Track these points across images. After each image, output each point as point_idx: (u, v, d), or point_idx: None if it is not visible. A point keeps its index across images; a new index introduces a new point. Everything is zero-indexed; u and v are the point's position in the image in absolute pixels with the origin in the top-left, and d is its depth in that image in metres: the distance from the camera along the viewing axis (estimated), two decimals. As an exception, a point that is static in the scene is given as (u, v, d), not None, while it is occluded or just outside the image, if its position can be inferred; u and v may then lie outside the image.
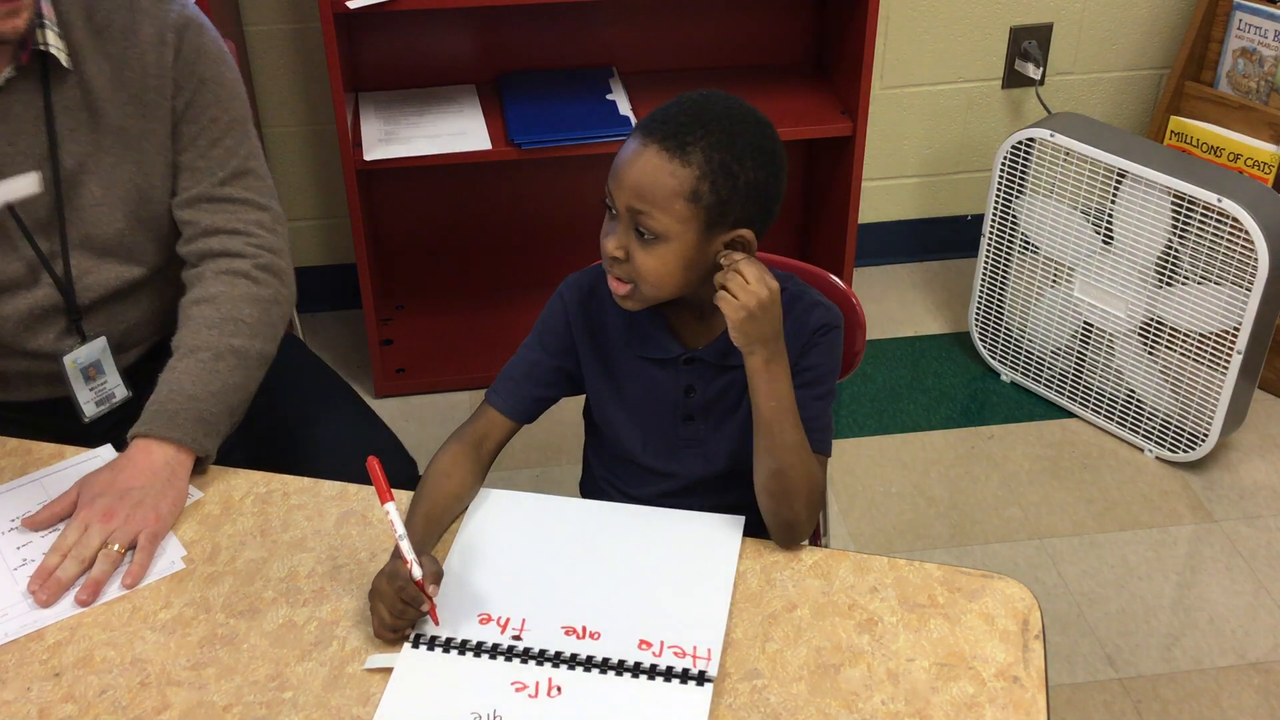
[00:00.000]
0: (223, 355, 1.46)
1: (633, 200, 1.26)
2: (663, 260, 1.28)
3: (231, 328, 1.48)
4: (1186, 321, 2.40)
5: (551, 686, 1.17)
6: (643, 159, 1.25)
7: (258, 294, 1.51)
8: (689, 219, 1.26)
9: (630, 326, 1.41)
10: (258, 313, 1.51)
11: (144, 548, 1.31)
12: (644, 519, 1.37)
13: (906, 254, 3.16)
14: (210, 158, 1.52)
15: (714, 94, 1.30)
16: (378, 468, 1.21)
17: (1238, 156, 2.59)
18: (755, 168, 1.27)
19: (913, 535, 2.39)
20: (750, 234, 1.30)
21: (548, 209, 2.89)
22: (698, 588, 1.27)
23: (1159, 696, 2.07)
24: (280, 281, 1.55)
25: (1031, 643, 1.21)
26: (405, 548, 1.20)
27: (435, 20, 2.62)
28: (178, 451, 1.39)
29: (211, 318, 1.48)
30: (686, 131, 1.25)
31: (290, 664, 1.21)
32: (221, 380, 1.44)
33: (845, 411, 2.70)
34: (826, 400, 1.37)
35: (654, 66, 2.73)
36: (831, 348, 1.38)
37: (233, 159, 1.54)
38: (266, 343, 1.51)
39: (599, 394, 1.47)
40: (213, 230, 1.53)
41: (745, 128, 1.28)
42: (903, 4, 2.79)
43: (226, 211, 1.53)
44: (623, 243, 1.28)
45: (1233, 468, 2.53)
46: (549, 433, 2.59)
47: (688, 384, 1.41)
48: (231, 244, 1.52)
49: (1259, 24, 2.57)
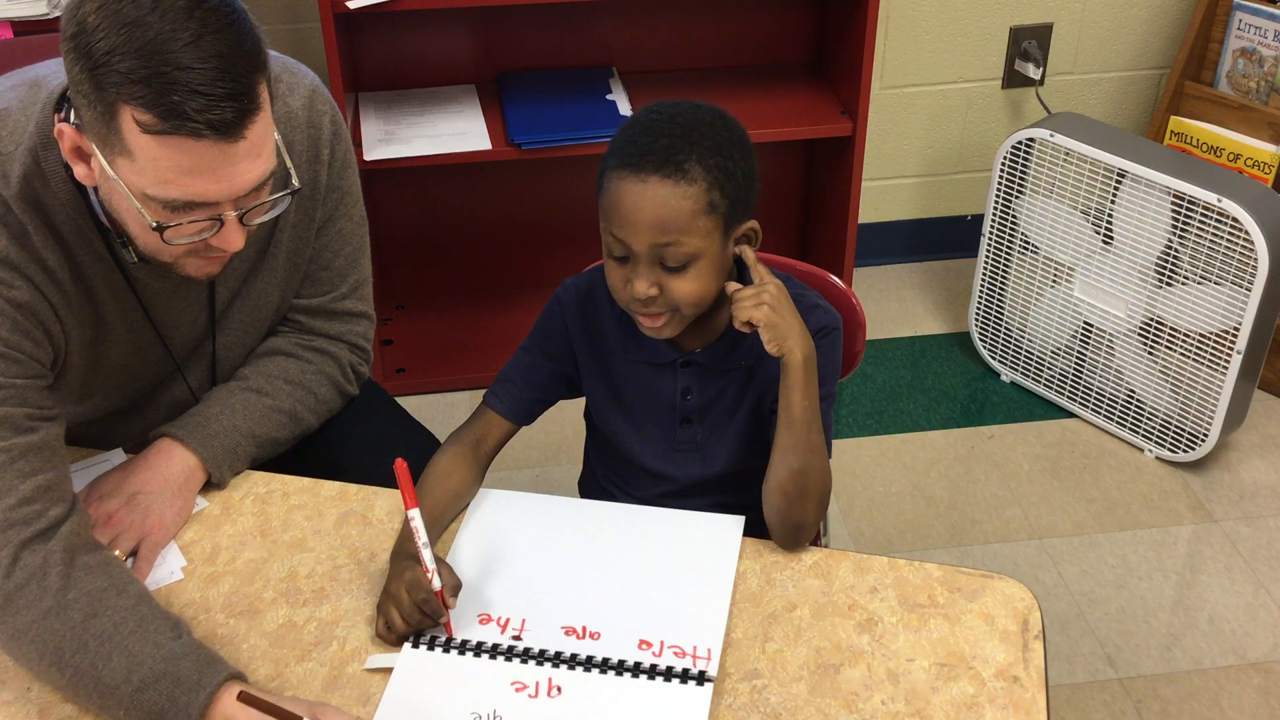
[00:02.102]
0: (282, 410, 1.46)
1: (655, 238, 1.26)
2: (699, 279, 1.29)
3: (302, 395, 1.49)
4: (1186, 321, 2.40)
5: (551, 686, 1.17)
6: (649, 195, 1.25)
7: (340, 385, 1.54)
8: (712, 230, 1.27)
9: (627, 330, 1.41)
10: (329, 396, 1.52)
11: (145, 557, 1.31)
12: (644, 519, 1.37)
13: (906, 254, 3.16)
14: (333, 268, 1.50)
15: (662, 106, 1.30)
16: (406, 473, 1.21)
17: (1238, 156, 2.59)
18: (743, 157, 1.29)
19: (913, 535, 2.39)
20: (757, 225, 1.32)
21: (548, 209, 2.89)
22: (698, 588, 1.27)
23: (1159, 696, 2.07)
24: (358, 386, 1.57)
25: (1031, 643, 1.21)
26: (427, 556, 1.20)
27: (435, 20, 2.62)
28: (198, 465, 1.39)
29: (291, 374, 1.48)
30: (675, 152, 1.25)
31: (290, 664, 1.21)
32: (269, 431, 1.45)
33: (845, 411, 2.70)
34: (828, 403, 1.37)
35: (654, 66, 2.73)
36: (832, 350, 1.38)
37: (353, 271, 1.53)
38: (317, 422, 1.52)
39: (597, 397, 1.47)
40: (323, 334, 1.53)
41: (716, 125, 1.29)
42: (903, 4, 2.79)
43: (340, 323, 1.54)
44: (653, 281, 1.28)
45: (1233, 468, 2.53)
46: (549, 433, 2.59)
47: (685, 387, 1.41)
48: (336, 348, 1.53)
49: (1259, 24, 2.57)
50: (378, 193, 2.79)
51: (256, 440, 1.43)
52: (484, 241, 2.92)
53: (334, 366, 1.52)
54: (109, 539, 1.30)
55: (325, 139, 1.41)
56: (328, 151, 1.42)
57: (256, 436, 1.43)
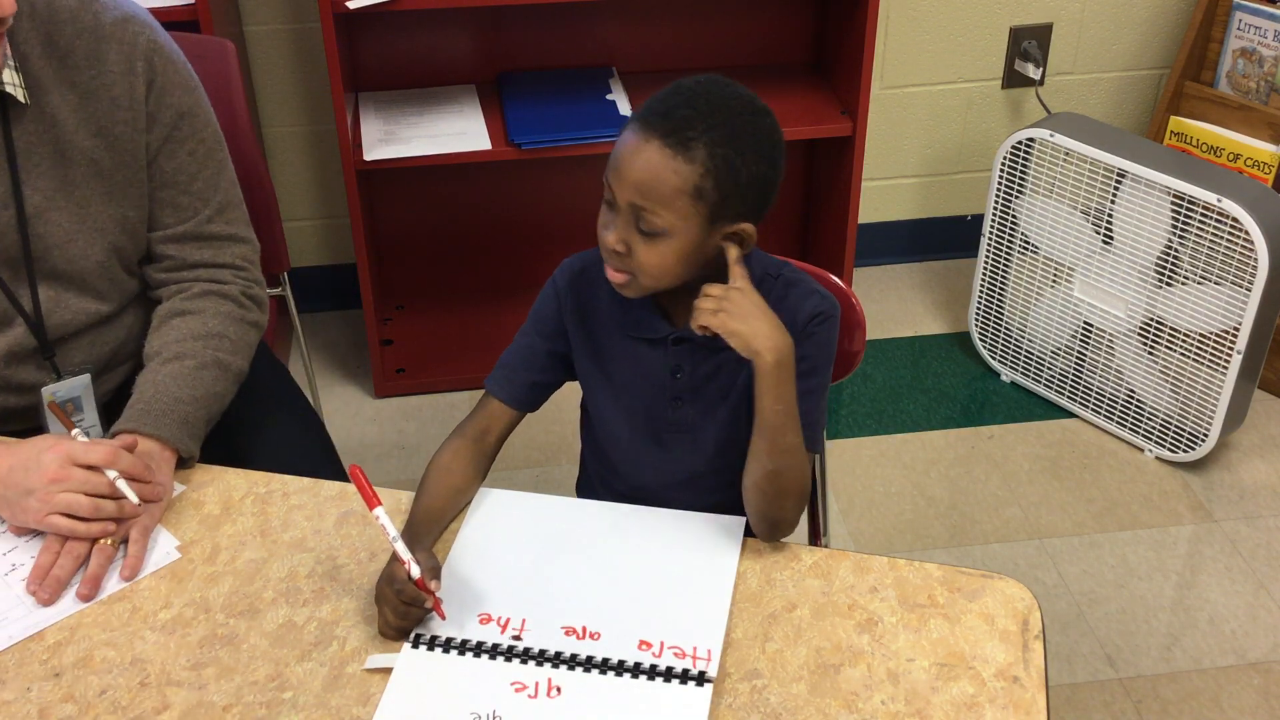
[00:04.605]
0: (207, 365, 1.47)
1: (634, 197, 1.25)
2: (663, 256, 1.27)
3: (215, 342, 1.50)
4: (1186, 321, 2.40)
5: (551, 687, 1.17)
6: (644, 155, 1.24)
7: (242, 315, 1.55)
8: (691, 216, 1.25)
9: (621, 306, 1.39)
10: (240, 332, 1.53)
11: (137, 540, 1.32)
12: (644, 519, 1.36)
13: (906, 254, 3.16)
14: (192, 193, 1.52)
15: (714, 80, 1.28)
16: (361, 475, 1.21)
17: (1238, 156, 2.59)
18: (757, 161, 1.26)
19: (913, 535, 2.39)
20: (751, 229, 1.29)
21: (548, 209, 2.89)
22: (698, 588, 1.27)
23: (1159, 696, 2.07)
24: (260, 310, 1.59)
25: (1031, 643, 1.21)
26: (400, 549, 1.20)
27: (435, 20, 2.62)
28: (162, 448, 1.40)
29: (195, 329, 1.49)
30: (688, 126, 1.23)
31: (290, 664, 1.21)
32: (205, 388, 1.46)
33: (845, 411, 2.70)
34: (819, 393, 1.35)
35: (654, 66, 2.73)
36: (827, 338, 1.36)
37: (215, 193, 1.54)
38: (245, 361, 1.54)
39: (588, 376, 1.45)
40: (199, 264, 1.54)
41: (746, 119, 1.27)
42: (903, 4, 2.79)
43: (213, 247, 1.55)
44: (623, 237, 1.28)
45: (1233, 468, 2.53)
46: (549, 433, 2.59)
47: (676, 364, 1.39)
48: (219, 276, 1.55)
49: (1259, 24, 2.58)
50: (378, 193, 2.79)
51: (199, 402, 1.44)
52: (484, 241, 2.92)
53: (228, 304, 1.53)
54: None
55: (140, 54, 1.44)
56: (142, 64, 1.44)
57: (198, 399, 1.44)
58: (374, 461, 2.54)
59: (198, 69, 1.55)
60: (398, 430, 2.65)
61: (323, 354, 2.87)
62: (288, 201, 2.85)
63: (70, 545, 1.30)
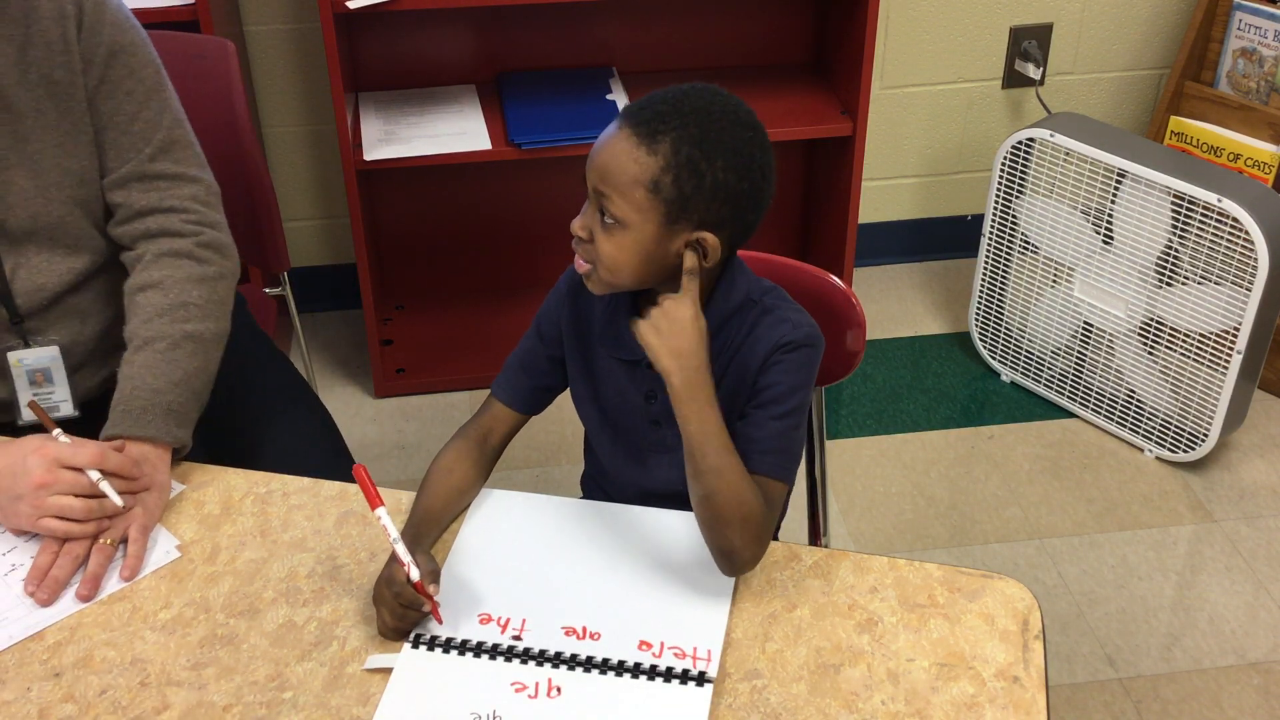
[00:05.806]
0: (179, 343, 1.44)
1: (597, 182, 1.25)
2: (619, 247, 1.26)
3: (182, 313, 1.45)
4: (1186, 321, 2.40)
5: (551, 687, 1.17)
6: (613, 142, 1.24)
7: (203, 273, 1.49)
8: (647, 209, 1.24)
9: (608, 323, 1.38)
10: (206, 293, 1.48)
11: (136, 539, 1.31)
12: (644, 519, 1.36)
13: (906, 254, 3.16)
14: (133, 132, 1.48)
15: (707, 88, 1.27)
16: (365, 475, 1.21)
17: (1238, 156, 2.59)
18: (725, 169, 1.23)
19: (913, 535, 2.39)
20: (713, 238, 1.25)
21: (548, 209, 2.89)
22: (698, 588, 1.27)
23: (1159, 696, 2.07)
24: (223, 256, 1.53)
25: (1031, 643, 1.21)
26: (400, 550, 1.20)
27: (435, 20, 2.62)
28: (154, 447, 1.38)
29: (160, 305, 1.45)
30: (660, 120, 1.23)
31: (290, 664, 1.21)
32: (182, 368, 1.43)
33: (845, 411, 2.70)
34: (787, 421, 1.29)
35: (654, 66, 2.73)
36: (795, 366, 1.30)
37: (157, 131, 1.49)
38: (219, 321, 1.49)
39: (578, 388, 1.45)
40: (147, 210, 1.49)
41: (724, 127, 1.24)
42: (903, 4, 2.79)
43: (159, 189, 1.50)
44: (587, 223, 1.28)
45: (1233, 468, 2.53)
46: (549, 433, 2.59)
47: (649, 389, 1.38)
48: (169, 223, 1.49)
49: (1259, 24, 2.58)
50: (378, 193, 2.79)
51: (179, 387, 1.42)
52: (484, 241, 2.92)
53: (186, 263, 1.48)
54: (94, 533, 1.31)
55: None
56: (71, 6, 1.42)
57: (176, 384, 1.42)
58: (374, 461, 2.54)
59: (198, 69, 1.54)
60: (397, 430, 2.65)
61: (323, 354, 2.87)
62: (288, 201, 2.85)
63: (69, 546, 1.30)
